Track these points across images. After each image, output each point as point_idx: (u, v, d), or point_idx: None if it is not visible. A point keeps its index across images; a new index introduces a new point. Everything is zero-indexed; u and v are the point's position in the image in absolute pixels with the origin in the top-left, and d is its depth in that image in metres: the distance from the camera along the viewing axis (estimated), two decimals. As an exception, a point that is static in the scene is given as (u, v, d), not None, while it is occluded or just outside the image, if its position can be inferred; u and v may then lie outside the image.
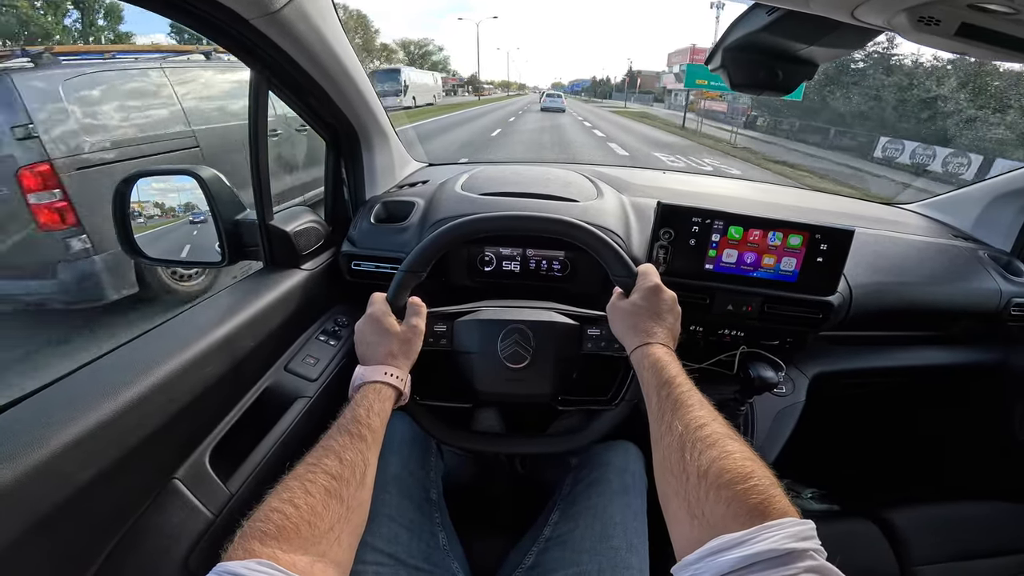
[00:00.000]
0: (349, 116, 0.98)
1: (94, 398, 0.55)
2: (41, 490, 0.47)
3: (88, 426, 0.52)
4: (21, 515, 0.46)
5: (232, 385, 0.76)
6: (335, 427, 0.57)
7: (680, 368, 0.60)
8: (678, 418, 0.51)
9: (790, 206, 1.19)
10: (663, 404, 0.55)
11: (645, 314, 0.67)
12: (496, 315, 0.78)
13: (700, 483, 0.44)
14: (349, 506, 0.48)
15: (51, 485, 0.48)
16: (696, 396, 0.54)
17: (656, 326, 0.66)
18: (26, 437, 0.48)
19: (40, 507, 0.47)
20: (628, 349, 0.67)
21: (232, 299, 0.80)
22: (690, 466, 0.46)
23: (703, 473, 0.44)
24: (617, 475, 0.81)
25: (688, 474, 0.45)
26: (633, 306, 0.69)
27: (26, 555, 0.46)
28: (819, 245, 0.88)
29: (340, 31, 0.84)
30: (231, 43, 0.71)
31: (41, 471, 0.47)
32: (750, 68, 0.80)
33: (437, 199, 1.03)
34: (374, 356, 0.68)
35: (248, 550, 0.39)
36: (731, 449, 0.46)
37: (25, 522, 0.46)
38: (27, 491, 0.46)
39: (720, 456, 0.45)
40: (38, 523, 0.47)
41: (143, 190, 0.88)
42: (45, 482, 0.48)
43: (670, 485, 0.48)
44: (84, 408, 0.54)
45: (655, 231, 0.89)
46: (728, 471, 0.43)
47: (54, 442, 0.49)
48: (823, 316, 0.94)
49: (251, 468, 0.73)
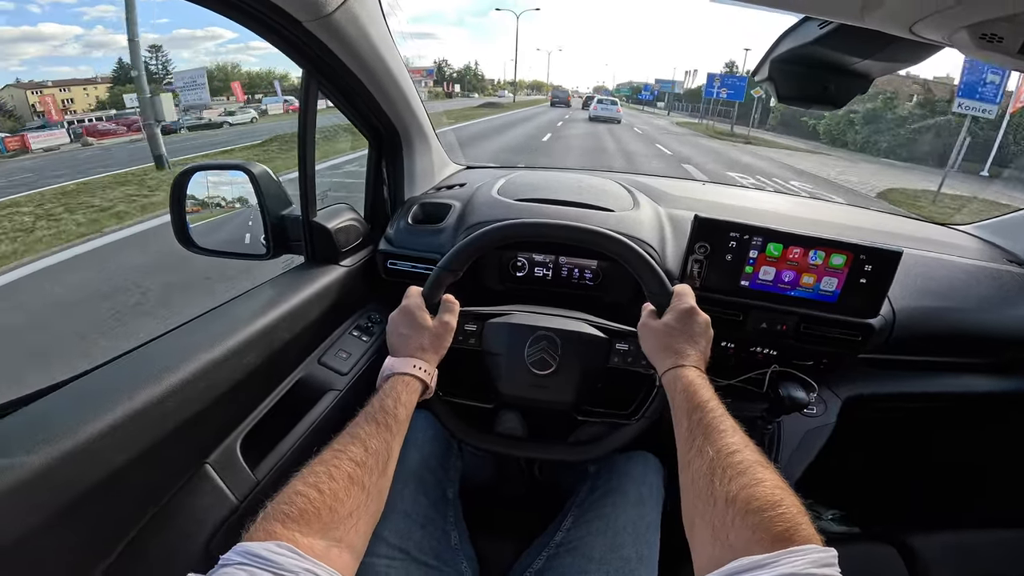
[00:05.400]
0: (392, 118, 1.01)
1: (139, 381, 0.57)
2: (78, 471, 0.49)
3: (130, 409, 0.54)
4: (56, 496, 0.47)
5: (268, 375, 0.78)
6: (362, 415, 0.58)
7: (713, 392, 0.59)
8: (709, 443, 0.51)
9: (833, 223, 1.15)
10: (694, 428, 0.54)
11: (678, 335, 0.66)
12: (526, 320, 0.79)
13: (727, 509, 0.43)
14: (370, 494, 0.50)
15: (89, 465, 0.50)
16: (728, 422, 0.54)
17: (689, 348, 0.65)
18: (70, 419, 0.50)
19: (76, 488, 0.48)
20: (659, 370, 0.66)
21: (274, 291, 0.83)
22: (718, 491, 0.45)
23: (731, 499, 0.44)
24: (634, 486, 0.80)
25: (716, 499, 0.45)
26: (666, 327, 0.68)
27: (56, 536, 0.47)
28: (863, 266, 0.84)
29: (387, 35, 0.86)
30: (284, 43, 0.74)
31: (79, 453, 0.49)
32: (799, 81, 0.78)
33: (473, 203, 1.05)
34: (405, 348, 0.69)
35: (269, 531, 0.40)
36: (761, 477, 0.45)
37: (59, 503, 0.47)
38: (62, 473, 0.47)
39: (750, 483, 0.44)
40: (72, 503, 0.48)
41: (196, 183, 0.93)
42: (83, 463, 0.49)
43: (696, 509, 0.48)
44: (128, 391, 0.55)
45: (691, 244, 0.88)
46: (757, 499, 0.42)
47: (95, 425, 0.51)
48: (863, 339, 0.90)
49: (278, 457, 0.75)
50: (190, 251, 0.89)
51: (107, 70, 54.92)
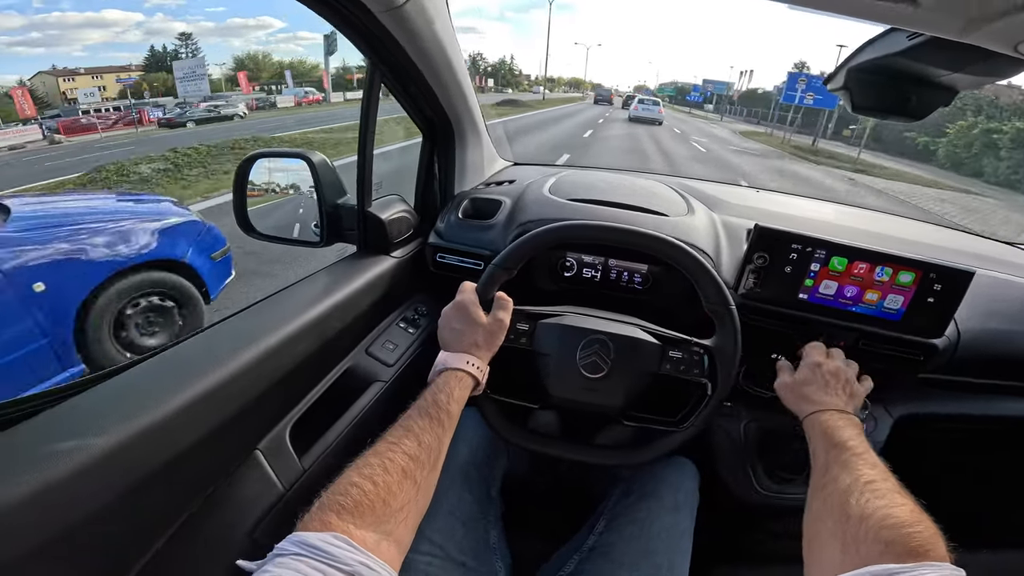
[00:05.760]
0: (448, 110, 1.00)
1: (209, 363, 0.58)
2: (148, 451, 0.49)
3: (201, 390, 0.55)
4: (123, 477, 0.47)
5: (319, 363, 0.79)
6: (415, 409, 0.58)
7: (856, 432, 0.61)
8: (847, 472, 0.52)
9: (900, 239, 1.11)
10: (831, 462, 0.56)
11: (811, 386, 0.71)
12: (580, 323, 0.78)
13: (861, 524, 0.44)
14: (420, 488, 0.50)
15: (159, 446, 0.50)
16: (870, 457, 0.55)
17: (824, 396, 0.69)
18: (147, 398, 0.51)
19: (142, 469, 0.49)
20: (800, 418, 0.70)
21: (328, 280, 0.84)
22: (853, 509, 0.46)
23: (866, 516, 0.44)
24: (670, 492, 0.80)
25: (850, 516, 0.46)
26: (797, 382, 0.73)
27: (117, 517, 0.47)
28: (932, 285, 0.81)
29: (451, 28, 0.86)
30: (354, 33, 0.74)
31: (153, 432, 0.49)
32: (878, 91, 0.75)
33: (524, 200, 1.04)
34: (458, 344, 0.69)
35: (325, 522, 0.40)
36: (900, 501, 0.46)
37: (125, 484, 0.47)
38: (133, 453, 0.48)
39: (887, 505, 0.45)
40: (136, 485, 0.48)
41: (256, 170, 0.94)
42: (154, 443, 0.50)
43: (824, 525, 0.48)
44: (199, 372, 0.56)
45: (748, 254, 0.85)
46: (894, 516, 0.43)
47: (170, 404, 0.52)
48: (924, 359, 0.87)
49: (324, 447, 0.75)
50: (249, 236, 0.91)
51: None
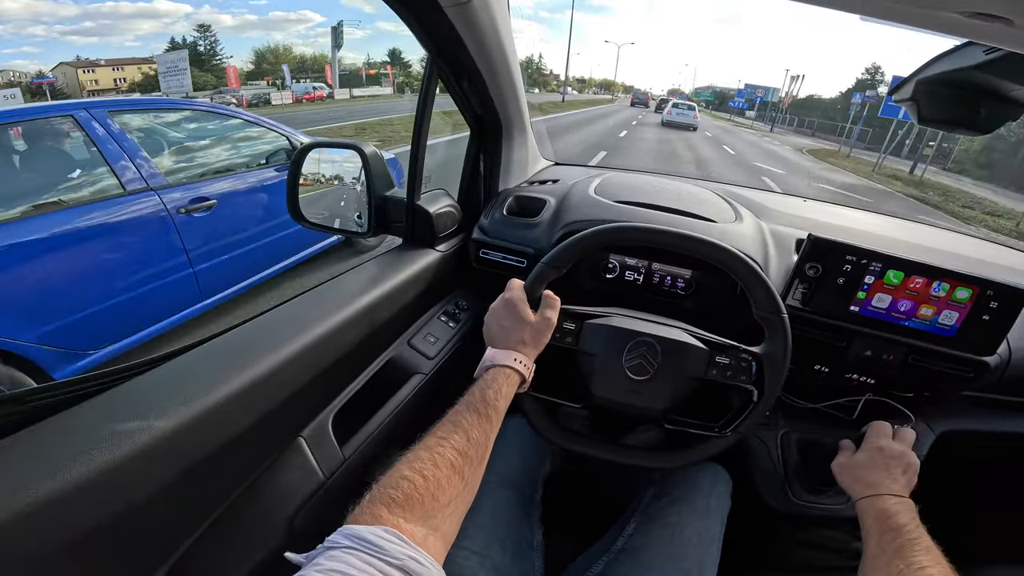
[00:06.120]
0: (498, 108, 1.00)
1: (260, 351, 0.58)
2: (202, 436, 0.49)
3: (256, 374, 0.55)
4: (175, 463, 0.47)
5: (365, 352, 0.79)
6: (463, 404, 0.58)
7: (913, 517, 0.61)
8: (900, 558, 0.54)
9: (955, 254, 1.09)
10: (885, 547, 0.58)
11: (870, 469, 0.72)
12: (627, 324, 0.78)
13: None
14: (468, 484, 0.50)
15: (213, 431, 0.51)
16: (925, 542, 0.56)
17: (884, 479, 0.70)
18: (207, 380, 0.52)
19: (195, 454, 0.49)
20: (855, 499, 0.71)
21: (376, 270, 0.85)
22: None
23: None
24: (702, 497, 0.79)
25: None
26: (858, 464, 0.74)
27: (164, 503, 0.47)
28: (989, 302, 0.79)
29: (510, 27, 0.86)
30: (418, 25, 0.74)
31: (211, 415, 0.50)
32: (947, 103, 0.74)
33: (570, 200, 1.04)
34: (506, 340, 0.69)
35: (376, 515, 0.40)
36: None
37: (176, 470, 0.47)
38: (188, 437, 0.48)
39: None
40: (187, 470, 0.48)
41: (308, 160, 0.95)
42: (209, 427, 0.50)
43: None
44: (252, 359, 0.57)
45: (800, 264, 0.85)
46: None
47: (228, 387, 0.52)
48: (974, 375, 0.86)
49: (364, 436, 0.75)
50: (299, 223, 0.92)
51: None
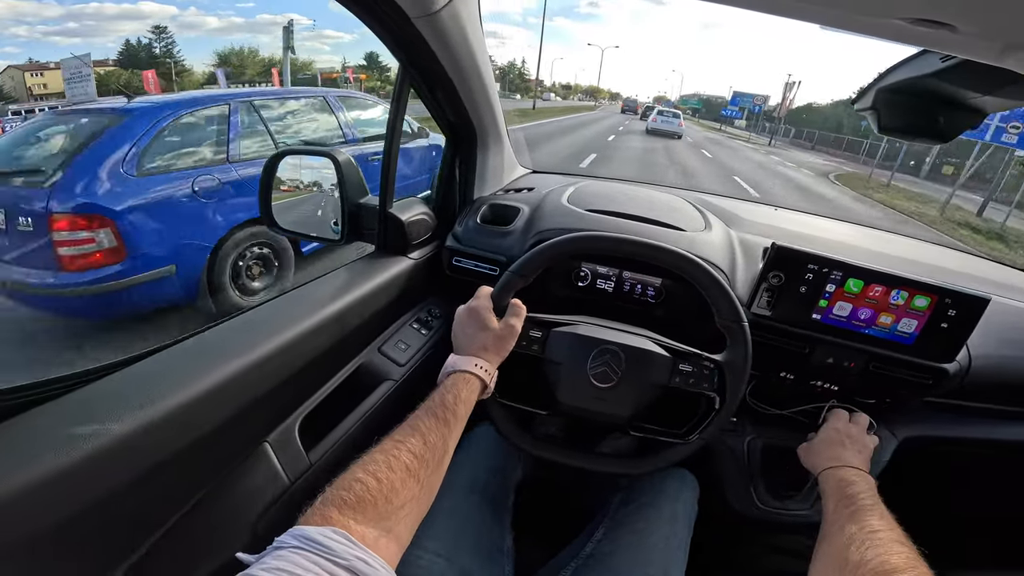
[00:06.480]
0: (472, 116, 1.01)
1: (225, 355, 0.59)
2: (161, 439, 0.49)
3: (215, 381, 0.55)
4: (132, 465, 0.47)
5: (334, 358, 0.80)
6: (422, 408, 0.58)
7: (868, 487, 0.65)
8: (853, 522, 0.55)
9: (915, 262, 1.10)
10: (840, 512, 0.60)
11: (829, 444, 0.79)
12: (592, 332, 0.79)
13: (857, 570, 0.46)
14: (424, 487, 0.50)
15: (174, 434, 0.50)
16: (879, 510, 0.58)
17: (843, 453, 0.76)
18: (168, 384, 0.51)
19: (153, 457, 0.49)
20: (815, 472, 0.77)
21: (348, 277, 0.86)
22: (852, 556, 0.48)
23: (864, 562, 0.46)
24: (669, 502, 0.81)
25: (848, 562, 0.48)
26: (819, 441, 0.82)
27: (120, 505, 0.47)
28: (947, 310, 0.80)
29: (481, 36, 0.87)
30: (388, 35, 0.75)
31: (170, 419, 0.49)
32: (906, 112, 0.74)
33: (543, 209, 1.05)
34: (469, 347, 0.70)
35: (326, 516, 0.41)
36: (897, 550, 0.48)
37: (134, 473, 0.47)
38: (146, 441, 0.48)
39: (885, 553, 0.46)
40: (145, 473, 0.48)
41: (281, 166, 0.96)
42: (168, 431, 0.50)
43: (826, 572, 0.51)
44: (216, 363, 0.57)
45: (764, 272, 0.85)
46: (889, 563, 0.45)
47: (190, 391, 0.52)
48: (934, 383, 0.87)
49: (332, 442, 0.76)
50: (272, 231, 0.93)
51: (197, 53, 55.60)
